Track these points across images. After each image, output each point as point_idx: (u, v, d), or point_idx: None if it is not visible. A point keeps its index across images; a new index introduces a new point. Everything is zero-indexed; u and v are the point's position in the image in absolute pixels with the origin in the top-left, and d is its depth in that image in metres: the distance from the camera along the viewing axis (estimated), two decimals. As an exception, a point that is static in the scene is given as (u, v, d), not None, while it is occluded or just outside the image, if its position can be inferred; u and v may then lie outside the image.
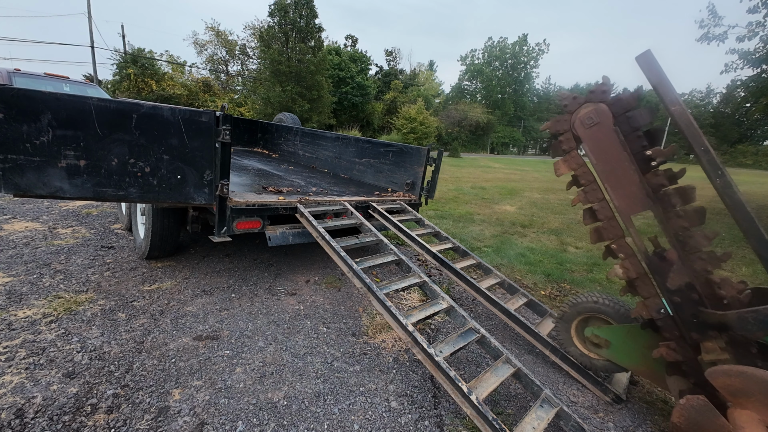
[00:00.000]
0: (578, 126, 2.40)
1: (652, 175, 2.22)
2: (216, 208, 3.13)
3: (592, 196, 2.45)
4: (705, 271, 2.08)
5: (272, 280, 4.15)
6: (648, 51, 2.16)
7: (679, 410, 1.91)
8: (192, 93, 36.35)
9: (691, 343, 2.16)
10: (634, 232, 2.30)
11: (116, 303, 3.35)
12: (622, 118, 2.30)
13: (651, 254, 2.27)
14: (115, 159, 2.62)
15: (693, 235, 2.09)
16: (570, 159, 2.47)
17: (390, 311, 2.66)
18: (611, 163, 2.32)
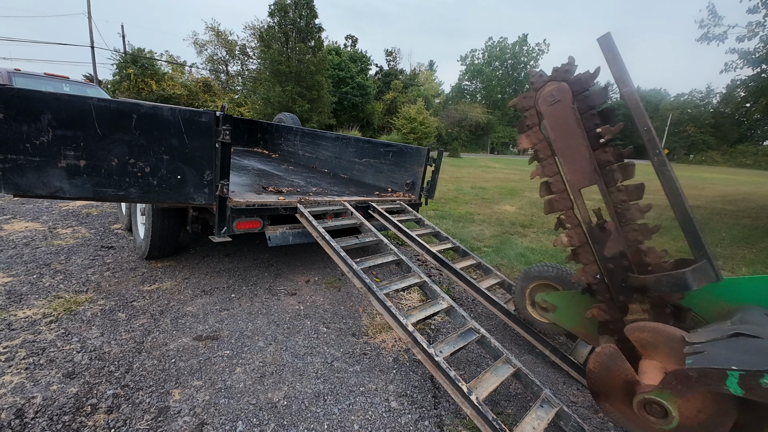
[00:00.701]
0: (541, 103, 2.53)
1: (601, 152, 2.36)
2: (216, 209, 3.13)
3: (549, 170, 2.59)
4: (636, 241, 2.29)
5: (272, 280, 4.15)
6: (608, 34, 2.32)
7: (594, 357, 2.14)
8: (192, 93, 36.37)
9: (619, 305, 2.39)
10: (581, 205, 2.47)
11: (116, 303, 3.35)
12: (581, 97, 2.42)
13: (593, 225, 2.44)
14: (115, 159, 2.62)
15: (630, 208, 2.29)
16: (532, 134, 2.62)
17: (390, 311, 2.66)
18: (567, 140, 2.45)
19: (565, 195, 2.54)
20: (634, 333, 2.11)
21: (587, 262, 2.50)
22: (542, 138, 2.57)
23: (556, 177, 2.56)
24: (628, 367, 2.02)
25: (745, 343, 1.70)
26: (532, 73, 2.62)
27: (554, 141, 2.49)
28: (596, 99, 2.38)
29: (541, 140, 2.58)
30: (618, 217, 2.33)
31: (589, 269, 2.50)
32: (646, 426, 1.93)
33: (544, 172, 2.61)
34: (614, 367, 2.06)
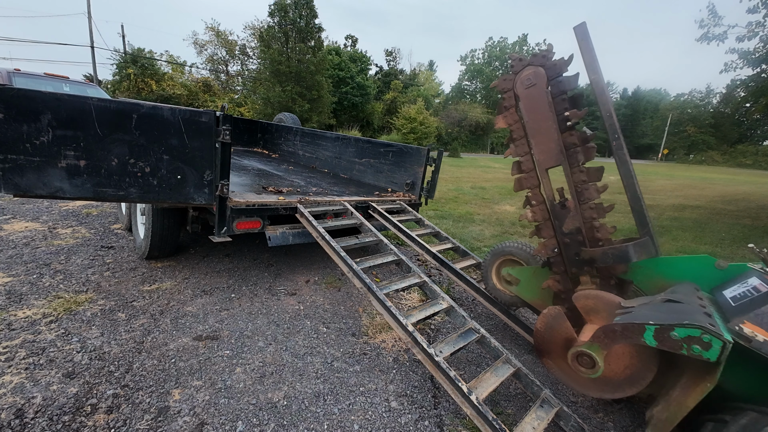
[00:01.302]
0: (519, 86, 2.68)
1: (568, 134, 2.52)
2: (216, 209, 3.13)
3: (521, 150, 2.74)
4: (592, 218, 2.50)
5: (272, 280, 4.15)
6: (583, 23, 2.47)
7: (540, 318, 2.46)
8: (192, 93, 36.33)
9: (571, 277, 2.61)
10: (547, 183, 2.65)
11: (116, 303, 3.35)
12: (554, 82, 2.55)
13: (556, 203, 2.62)
14: (115, 159, 2.62)
15: (588, 188, 2.48)
16: (508, 115, 2.76)
17: (390, 311, 2.66)
18: (539, 122, 2.60)
19: (533, 174, 2.71)
20: (580, 300, 2.39)
21: (547, 237, 2.70)
22: (517, 119, 2.71)
23: (526, 157, 2.70)
24: (568, 326, 2.34)
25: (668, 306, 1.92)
26: (513, 57, 2.75)
27: (527, 122, 2.65)
28: (568, 85, 2.51)
29: (516, 121, 2.71)
30: (577, 195, 2.52)
31: (548, 243, 2.70)
32: (576, 376, 2.22)
33: (517, 151, 2.75)
34: (557, 326, 2.37)
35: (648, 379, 2.02)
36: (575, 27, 2.47)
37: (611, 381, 2.10)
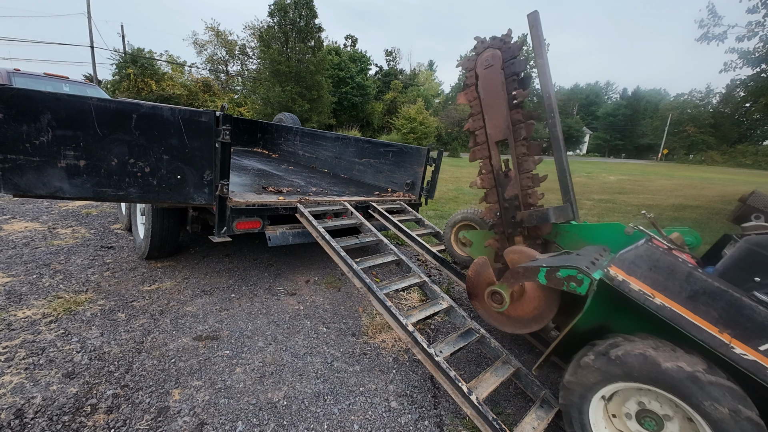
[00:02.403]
0: (479, 66, 2.94)
1: (515, 112, 2.79)
2: (216, 209, 3.13)
3: (476, 124, 3.01)
4: (528, 186, 2.81)
5: (272, 280, 4.15)
6: (536, 12, 2.74)
7: (471, 267, 2.77)
8: (192, 93, 36.31)
9: (508, 237, 2.94)
10: (495, 155, 2.94)
11: (116, 303, 3.35)
12: (508, 64, 2.79)
13: (501, 172, 2.92)
14: (114, 159, 2.63)
15: (527, 160, 2.78)
16: (468, 93, 3.02)
17: (390, 311, 2.66)
18: (493, 99, 2.87)
19: (485, 146, 2.98)
20: (508, 255, 2.75)
21: (492, 202, 3.02)
22: (476, 96, 2.96)
23: (480, 131, 2.98)
24: (490, 272, 2.67)
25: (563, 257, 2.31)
26: (477, 39, 2.98)
27: (483, 99, 2.92)
28: (519, 67, 2.76)
29: (475, 98, 2.97)
30: (518, 166, 2.82)
31: (492, 208, 3.02)
32: (491, 311, 2.61)
33: (473, 125, 3.03)
34: (483, 272, 2.71)
35: (549, 317, 2.40)
36: (528, 15, 2.73)
37: (522, 319, 2.50)
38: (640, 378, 1.76)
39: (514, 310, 2.52)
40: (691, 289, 1.77)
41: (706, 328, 1.68)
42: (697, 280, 1.78)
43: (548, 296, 2.39)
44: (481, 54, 2.91)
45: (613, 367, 1.83)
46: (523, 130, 2.74)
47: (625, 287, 1.88)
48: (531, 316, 2.46)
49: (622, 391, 1.94)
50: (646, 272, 1.88)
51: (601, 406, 2.00)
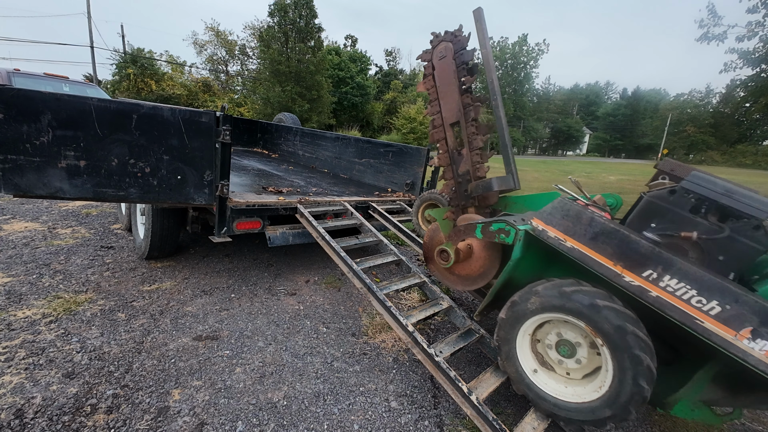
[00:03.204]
0: (435, 57, 3.25)
1: (465, 96, 3.08)
2: (216, 209, 3.13)
3: (433, 110, 3.29)
4: (477, 162, 3.08)
5: (272, 280, 4.15)
6: (480, 8, 2.98)
7: (426, 233, 3.20)
8: (192, 93, 36.32)
9: (462, 209, 3.15)
10: (450, 136, 3.24)
11: (116, 303, 3.35)
12: (458, 55, 3.09)
13: (454, 150, 3.19)
14: (115, 159, 2.63)
15: (476, 138, 3.07)
16: (426, 81, 3.34)
17: (390, 311, 2.66)
18: (446, 86, 3.17)
19: (441, 129, 3.27)
20: (459, 222, 3.00)
21: (449, 179, 3.25)
22: (433, 85, 3.27)
23: (437, 115, 3.27)
24: (441, 236, 3.03)
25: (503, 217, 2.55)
26: (433, 34, 3.29)
27: (439, 87, 3.23)
28: (467, 57, 3.06)
29: (432, 86, 3.28)
30: (469, 144, 3.11)
31: (449, 183, 3.26)
32: (440, 268, 2.93)
33: (431, 111, 3.32)
34: (434, 236, 3.10)
35: (492, 274, 2.71)
36: (474, 11, 3.01)
37: (470, 277, 2.83)
38: (554, 309, 2.08)
39: (463, 269, 2.86)
40: (593, 232, 2.06)
41: (603, 262, 1.98)
42: (597, 224, 2.07)
43: (491, 256, 2.72)
44: (436, 47, 3.23)
45: (534, 301, 2.16)
46: (472, 112, 3.07)
47: (543, 235, 2.18)
48: (477, 274, 2.80)
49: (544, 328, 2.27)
50: (560, 221, 2.18)
51: (527, 341, 2.31)
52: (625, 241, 1.96)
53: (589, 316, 1.96)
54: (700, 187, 2.08)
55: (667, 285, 1.82)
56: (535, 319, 2.20)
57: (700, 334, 1.72)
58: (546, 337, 2.26)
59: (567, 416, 2.10)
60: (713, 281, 1.74)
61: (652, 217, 2.17)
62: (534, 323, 2.23)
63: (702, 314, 1.73)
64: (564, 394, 2.15)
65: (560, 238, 2.13)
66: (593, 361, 2.11)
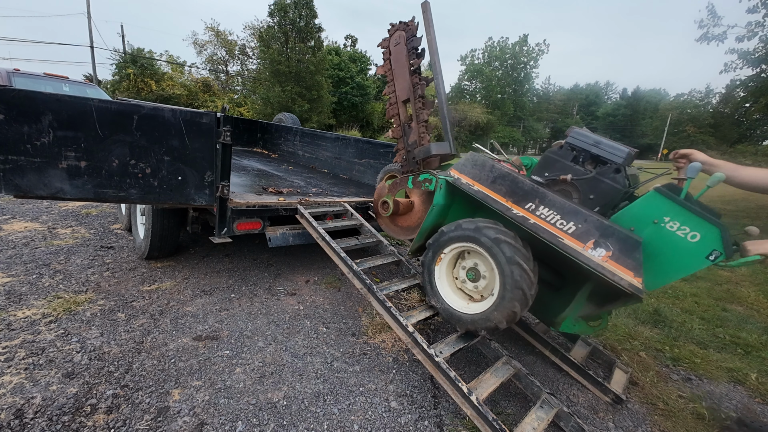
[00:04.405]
0: (391, 44, 3.74)
1: (414, 77, 3.54)
2: (216, 210, 3.13)
3: (389, 89, 3.78)
4: (423, 132, 3.47)
5: (272, 281, 4.15)
6: (427, 2, 3.41)
7: (375, 192, 3.62)
8: (192, 93, 36.28)
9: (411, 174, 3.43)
10: (403, 112, 3.69)
11: (116, 303, 3.36)
12: (409, 41, 3.57)
13: (405, 124, 3.63)
14: (116, 160, 2.63)
15: (422, 113, 3.47)
16: (384, 65, 3.83)
17: (390, 312, 2.67)
18: (400, 69, 3.63)
19: (395, 106, 3.73)
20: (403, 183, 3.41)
21: (401, 149, 3.67)
22: (389, 68, 3.75)
23: (393, 94, 3.74)
24: (386, 189, 3.46)
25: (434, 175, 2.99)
26: (391, 24, 3.75)
27: (394, 69, 3.70)
28: (416, 43, 3.51)
29: (389, 70, 3.77)
30: (416, 118, 3.54)
31: (401, 153, 3.67)
32: (383, 218, 3.45)
33: (388, 91, 3.79)
34: (381, 193, 3.52)
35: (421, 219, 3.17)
36: (422, 4, 3.44)
37: (410, 227, 3.29)
38: (459, 239, 2.52)
39: (405, 221, 3.34)
40: (493, 176, 2.55)
41: (498, 199, 2.46)
42: (495, 170, 2.56)
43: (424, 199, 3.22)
44: (393, 35, 3.73)
45: (445, 237, 2.61)
46: (420, 89, 3.51)
47: (458, 182, 2.69)
48: (416, 224, 3.26)
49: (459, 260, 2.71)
50: (470, 170, 2.68)
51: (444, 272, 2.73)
52: (514, 182, 2.45)
53: (479, 240, 2.39)
54: (577, 140, 2.56)
55: (541, 213, 2.28)
56: (446, 251, 2.66)
57: (561, 248, 2.13)
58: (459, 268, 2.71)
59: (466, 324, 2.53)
60: (572, 207, 2.21)
61: (547, 167, 2.63)
62: (447, 256, 2.68)
63: (562, 233, 2.18)
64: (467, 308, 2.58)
65: (470, 183, 2.63)
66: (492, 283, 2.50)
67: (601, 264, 2.01)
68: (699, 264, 2.00)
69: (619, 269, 1.98)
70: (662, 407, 2.70)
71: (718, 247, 1.94)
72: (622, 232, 2.06)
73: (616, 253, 2.02)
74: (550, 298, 2.56)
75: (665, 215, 2.10)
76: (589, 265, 2.03)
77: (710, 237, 1.96)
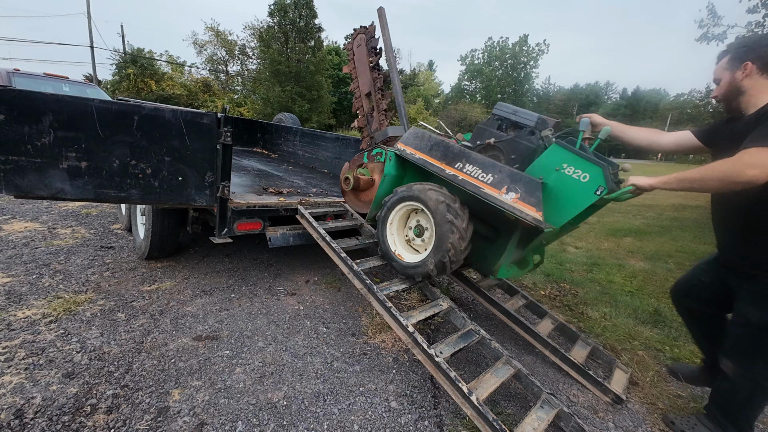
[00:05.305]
0: (355, 45, 4.39)
1: (374, 72, 4.16)
2: (217, 210, 3.13)
3: (354, 85, 4.40)
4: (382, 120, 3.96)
5: (272, 281, 4.15)
6: (382, 8, 3.96)
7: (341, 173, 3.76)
8: (191, 93, 36.34)
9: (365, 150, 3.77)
10: (365, 103, 4.29)
11: (116, 303, 3.36)
12: (369, 41, 4.19)
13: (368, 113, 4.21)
14: (116, 160, 2.64)
15: (382, 103, 4.04)
16: (350, 64, 4.50)
17: (390, 312, 2.67)
18: (362, 66, 4.26)
19: (360, 99, 4.35)
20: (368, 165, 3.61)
21: (366, 136, 4.21)
22: (354, 67, 4.40)
23: (357, 89, 4.37)
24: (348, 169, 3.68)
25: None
26: (354, 29, 4.39)
27: (357, 68, 4.32)
28: (374, 43, 4.09)
29: (353, 68, 4.42)
30: (377, 108, 4.09)
31: (366, 140, 4.21)
32: (347, 194, 3.69)
33: (353, 87, 4.40)
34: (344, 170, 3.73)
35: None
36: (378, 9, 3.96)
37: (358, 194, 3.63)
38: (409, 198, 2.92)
39: (367, 196, 3.57)
40: (430, 145, 2.98)
41: (435, 163, 2.88)
42: (432, 139, 3.00)
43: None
44: (355, 38, 4.35)
45: (396, 197, 3.01)
46: (378, 82, 4.06)
47: (404, 153, 3.09)
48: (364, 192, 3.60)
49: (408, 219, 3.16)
50: (413, 141, 3.10)
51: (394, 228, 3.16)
52: (447, 147, 2.88)
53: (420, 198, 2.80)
54: (500, 111, 3.02)
55: (467, 170, 2.70)
56: (394, 211, 3.08)
57: (482, 197, 2.55)
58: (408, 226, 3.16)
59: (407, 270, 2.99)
60: (490, 162, 2.63)
61: (479, 136, 3.07)
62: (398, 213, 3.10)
63: (483, 184, 2.59)
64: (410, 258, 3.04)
65: (413, 152, 3.05)
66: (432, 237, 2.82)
67: (513, 205, 2.41)
68: (589, 199, 2.38)
69: (525, 207, 2.37)
70: (662, 407, 2.70)
71: (602, 183, 2.32)
72: (526, 177, 2.45)
73: (523, 194, 2.41)
74: (489, 251, 2.92)
75: (564, 162, 2.49)
76: (504, 207, 2.44)
77: (596, 175, 2.35)
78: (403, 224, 3.18)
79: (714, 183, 1.97)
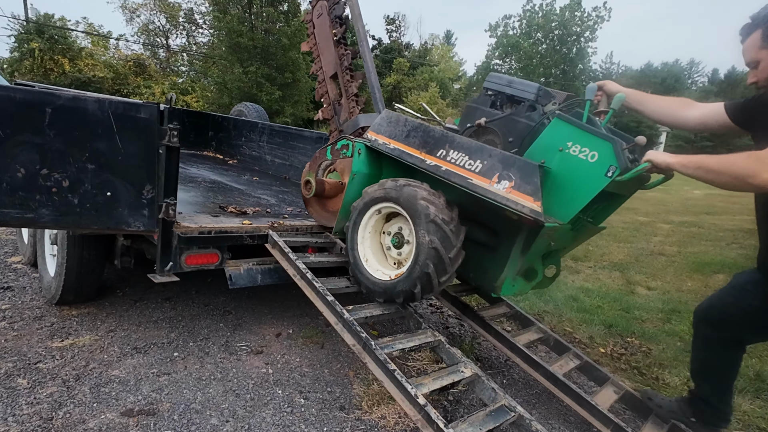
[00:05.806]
0: (314, 16, 4.67)
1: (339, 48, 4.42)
2: (159, 237, 3.16)
3: (317, 66, 4.70)
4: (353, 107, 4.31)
5: (230, 334, 4.18)
6: None
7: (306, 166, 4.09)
8: (119, 75, 36.65)
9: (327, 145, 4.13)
10: (331, 89, 4.63)
11: (14, 365, 3.37)
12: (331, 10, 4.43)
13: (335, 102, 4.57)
14: (20, 169, 2.62)
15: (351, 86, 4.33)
16: (310, 41, 4.77)
17: (394, 377, 2.67)
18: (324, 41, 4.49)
19: (324, 84, 4.64)
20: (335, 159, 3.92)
21: (334, 130, 4.58)
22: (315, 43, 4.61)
23: (320, 71, 4.62)
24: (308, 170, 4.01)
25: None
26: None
27: (319, 44, 4.56)
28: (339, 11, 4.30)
29: (314, 45, 4.63)
30: (345, 92, 4.40)
31: (334, 135, 4.50)
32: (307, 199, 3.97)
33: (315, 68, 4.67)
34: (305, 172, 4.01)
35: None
36: None
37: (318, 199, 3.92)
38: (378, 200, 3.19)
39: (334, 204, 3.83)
40: (406, 130, 3.25)
41: (413, 152, 3.13)
42: (409, 123, 3.28)
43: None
44: (315, 6, 4.56)
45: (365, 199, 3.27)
46: (346, 60, 4.30)
47: (375, 144, 3.36)
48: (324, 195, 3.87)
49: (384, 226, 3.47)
50: (386, 128, 3.36)
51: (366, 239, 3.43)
52: (426, 132, 3.14)
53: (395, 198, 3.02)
54: (492, 83, 3.25)
55: (451, 158, 2.89)
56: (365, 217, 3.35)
57: (471, 189, 2.73)
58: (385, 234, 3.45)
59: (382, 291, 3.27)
60: (477, 146, 2.84)
61: (469, 118, 3.26)
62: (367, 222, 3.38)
63: (471, 173, 2.76)
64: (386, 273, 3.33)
65: (386, 142, 3.28)
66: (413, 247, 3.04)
67: (506, 196, 2.57)
68: (600, 182, 2.51)
69: (521, 197, 2.52)
70: None
71: (612, 161, 2.46)
72: (521, 160, 2.62)
73: (518, 181, 2.56)
74: (489, 262, 3.12)
75: (568, 140, 2.64)
76: (495, 200, 2.62)
77: (606, 153, 2.48)
78: (377, 233, 3.45)
79: (727, 179, 2.09)
